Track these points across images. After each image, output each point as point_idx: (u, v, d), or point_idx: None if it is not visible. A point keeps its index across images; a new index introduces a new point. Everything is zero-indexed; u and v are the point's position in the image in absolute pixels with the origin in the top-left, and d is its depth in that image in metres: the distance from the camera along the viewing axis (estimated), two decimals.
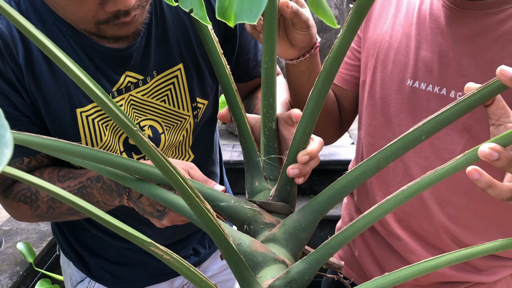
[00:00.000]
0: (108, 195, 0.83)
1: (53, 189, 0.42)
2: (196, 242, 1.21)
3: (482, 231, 0.97)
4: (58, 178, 0.88)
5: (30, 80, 0.83)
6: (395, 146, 0.58)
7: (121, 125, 0.47)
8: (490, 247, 0.55)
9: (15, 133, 0.66)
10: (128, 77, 0.90)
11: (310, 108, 0.64)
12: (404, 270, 0.57)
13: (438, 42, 0.90)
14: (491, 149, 0.51)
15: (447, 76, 0.89)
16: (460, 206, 0.94)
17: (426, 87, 0.92)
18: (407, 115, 0.95)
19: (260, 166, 0.75)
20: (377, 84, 0.99)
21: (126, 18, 0.76)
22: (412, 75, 0.93)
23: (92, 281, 1.17)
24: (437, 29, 0.90)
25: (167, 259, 0.49)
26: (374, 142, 1.03)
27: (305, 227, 0.68)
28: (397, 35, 0.97)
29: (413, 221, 1.01)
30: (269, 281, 0.63)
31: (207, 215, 0.54)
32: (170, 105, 0.96)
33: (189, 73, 0.96)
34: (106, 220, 0.44)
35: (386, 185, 1.03)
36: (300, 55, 0.86)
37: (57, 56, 0.43)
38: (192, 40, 0.95)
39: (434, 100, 0.91)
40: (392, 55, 0.97)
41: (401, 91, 0.95)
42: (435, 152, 0.93)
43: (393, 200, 0.57)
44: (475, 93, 0.53)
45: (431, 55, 0.91)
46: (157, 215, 0.79)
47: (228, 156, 3.17)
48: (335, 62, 0.59)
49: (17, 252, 2.68)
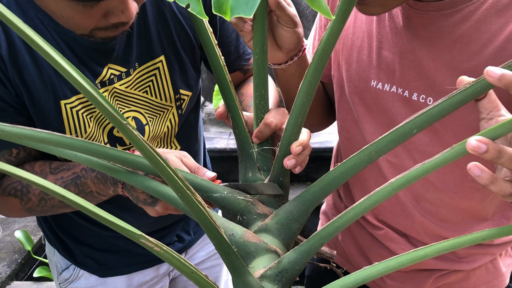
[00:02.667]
0: (102, 185, 0.84)
1: (43, 183, 0.42)
2: (179, 229, 1.22)
3: (458, 224, 0.96)
4: (51, 170, 0.88)
5: (14, 71, 0.83)
6: (386, 139, 0.59)
7: (110, 118, 0.47)
8: (477, 236, 0.56)
9: (7, 126, 0.66)
10: (110, 69, 0.90)
11: (300, 100, 0.64)
12: (393, 260, 0.58)
13: (398, 42, 0.87)
14: (478, 141, 0.51)
15: (409, 78, 0.86)
16: (435, 202, 0.94)
17: (390, 89, 0.89)
18: (376, 114, 0.93)
19: (253, 157, 0.75)
20: (344, 81, 0.98)
21: (124, 27, 0.77)
22: (375, 76, 0.91)
23: (77, 268, 1.19)
24: (396, 29, 0.87)
25: (158, 251, 0.49)
26: (349, 137, 1.02)
27: (297, 218, 0.68)
28: (359, 32, 0.93)
29: (389, 215, 1.01)
30: (261, 271, 0.64)
31: (198, 207, 0.55)
32: (153, 96, 0.96)
33: (171, 65, 0.97)
34: (96, 213, 0.45)
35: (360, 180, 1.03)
36: (288, 59, 0.84)
37: (43, 49, 0.43)
38: (172, 32, 0.95)
39: (399, 101, 0.89)
40: (355, 54, 0.94)
41: (367, 91, 0.93)
42: (406, 151, 0.92)
43: (382, 192, 0.57)
44: (467, 87, 0.53)
45: (392, 56, 0.88)
46: (150, 202, 0.80)
47: (225, 144, 3.18)
48: (324, 54, 0.60)
49: (15, 240, 2.70)
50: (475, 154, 0.51)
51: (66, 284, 1.21)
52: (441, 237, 0.98)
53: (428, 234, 0.98)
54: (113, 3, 0.71)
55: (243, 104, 1.03)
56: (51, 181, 0.87)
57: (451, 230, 0.96)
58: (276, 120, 0.73)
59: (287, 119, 0.74)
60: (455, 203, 0.93)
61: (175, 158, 0.78)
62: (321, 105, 1.09)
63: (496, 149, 0.51)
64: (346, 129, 1.02)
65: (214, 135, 3.32)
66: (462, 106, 0.55)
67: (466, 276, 1.03)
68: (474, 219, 0.96)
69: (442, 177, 0.90)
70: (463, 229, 0.96)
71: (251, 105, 1.00)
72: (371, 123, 0.94)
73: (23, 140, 0.66)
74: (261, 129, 0.73)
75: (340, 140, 1.06)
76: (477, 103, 0.57)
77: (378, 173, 0.98)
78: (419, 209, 0.96)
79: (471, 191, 0.90)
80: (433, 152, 0.87)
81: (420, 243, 1.00)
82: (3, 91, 0.83)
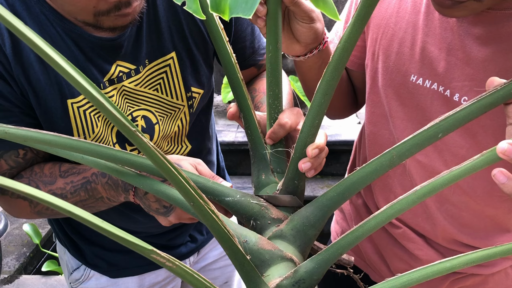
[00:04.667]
0: (113, 191, 0.81)
1: (47, 198, 0.39)
2: (192, 229, 1.20)
3: (479, 231, 0.93)
4: (60, 174, 0.86)
5: (19, 70, 0.80)
6: (409, 143, 0.55)
7: (118, 125, 0.44)
8: (508, 248, 0.53)
9: (11, 128, 0.64)
10: (119, 67, 0.87)
11: (318, 101, 0.61)
12: (417, 271, 0.55)
13: (447, 38, 0.81)
14: (511, 145, 0.47)
15: (453, 77, 0.81)
16: (459, 206, 0.90)
17: (430, 85, 0.84)
18: (410, 110, 0.89)
19: (267, 158, 0.73)
20: (379, 72, 0.93)
21: (127, 9, 0.74)
22: (416, 71, 0.86)
23: (88, 268, 1.17)
24: (447, 24, 0.81)
25: (170, 266, 0.46)
26: (376, 131, 0.98)
27: (314, 224, 0.65)
28: (402, 22, 0.88)
29: (409, 215, 0.98)
30: (277, 280, 0.61)
31: (211, 216, 0.52)
32: (163, 94, 0.93)
33: (182, 61, 0.93)
34: (106, 229, 0.42)
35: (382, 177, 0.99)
36: (307, 52, 0.81)
37: (43, 51, 0.40)
38: (184, 28, 0.92)
39: (438, 100, 0.84)
40: (396, 45, 0.89)
41: (404, 85, 0.88)
42: (437, 151, 0.87)
43: (406, 201, 0.54)
44: (498, 90, 0.49)
45: (438, 51, 0.82)
46: (163, 212, 0.77)
47: (233, 137, 3.15)
48: (344, 53, 0.56)
49: (24, 233, 2.70)
50: (507, 159, 0.48)
51: (77, 284, 1.19)
52: (459, 242, 0.94)
53: (447, 239, 0.95)
54: None
55: (255, 100, 1.00)
56: (61, 185, 0.85)
57: (472, 237, 0.93)
58: (290, 120, 0.70)
59: (302, 119, 0.71)
60: (481, 209, 0.89)
61: (189, 166, 0.76)
62: (344, 95, 1.05)
63: None
64: (374, 123, 0.98)
65: (222, 127, 3.30)
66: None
67: (484, 280, 1.00)
68: (497, 228, 0.92)
69: (471, 182, 0.87)
70: (484, 237, 0.93)
71: (263, 102, 0.97)
72: (403, 119, 0.90)
73: (29, 142, 0.63)
74: (275, 130, 0.70)
75: (366, 133, 1.02)
76: (506, 107, 0.53)
77: (403, 170, 0.94)
78: (442, 212, 0.92)
79: (500, 201, 0.86)
80: (466, 156, 0.83)
81: (438, 245, 0.97)
82: (8, 91, 0.81)
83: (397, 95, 0.90)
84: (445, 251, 0.97)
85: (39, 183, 0.86)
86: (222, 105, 3.65)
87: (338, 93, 1.01)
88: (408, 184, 0.93)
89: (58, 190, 0.85)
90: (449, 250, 0.97)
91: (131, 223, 1.05)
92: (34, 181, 0.86)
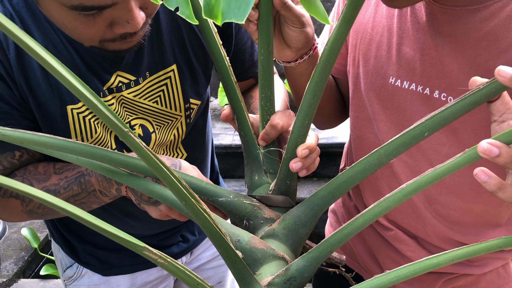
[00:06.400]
0: (106, 183, 0.82)
1: (39, 194, 0.41)
2: (184, 229, 1.21)
3: (470, 227, 0.94)
4: (55, 171, 0.87)
5: (20, 75, 0.81)
6: (396, 142, 0.57)
7: (111, 126, 0.46)
8: (493, 244, 0.54)
9: (8, 130, 0.65)
10: (119, 77, 0.88)
11: (307, 102, 0.62)
12: (405, 268, 0.56)
13: (420, 39, 0.83)
14: (490, 145, 0.49)
15: (430, 76, 0.83)
16: (448, 205, 0.92)
17: (409, 86, 0.86)
18: (391, 112, 0.90)
19: (259, 159, 0.74)
20: (360, 77, 0.94)
21: (133, 38, 0.75)
22: (394, 73, 0.88)
23: (80, 266, 1.18)
24: (418, 25, 0.84)
25: (162, 263, 0.48)
26: (361, 135, 0.99)
27: (305, 223, 0.67)
28: (378, 27, 0.90)
29: (400, 216, 0.99)
30: (268, 278, 0.62)
31: (203, 215, 0.53)
32: (163, 106, 0.94)
33: (183, 74, 0.94)
34: (98, 226, 0.43)
35: (370, 180, 1.01)
36: (298, 57, 0.82)
37: (42, 57, 0.41)
38: (185, 40, 0.93)
39: (418, 99, 0.86)
40: (374, 50, 0.91)
41: (384, 88, 0.90)
42: (420, 151, 0.89)
43: (392, 198, 0.56)
44: (481, 88, 0.51)
45: (413, 52, 0.85)
46: (154, 201, 0.78)
47: (230, 140, 3.16)
48: (331, 55, 0.58)
49: (22, 237, 2.70)
50: (487, 158, 0.49)
51: (70, 281, 1.20)
52: (452, 240, 0.95)
53: (439, 237, 0.96)
54: (117, 12, 0.69)
55: (252, 106, 1.01)
56: (55, 181, 0.86)
57: (463, 234, 0.94)
58: (282, 121, 0.71)
59: (293, 121, 0.72)
60: (469, 207, 0.90)
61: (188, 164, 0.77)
62: (333, 102, 1.06)
63: (510, 153, 0.49)
64: (359, 127, 0.99)
65: (219, 131, 3.31)
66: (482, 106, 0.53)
67: (477, 280, 1.01)
68: (487, 224, 0.93)
69: (457, 180, 0.88)
70: (475, 233, 0.94)
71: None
72: (386, 121, 0.92)
73: (25, 144, 0.65)
74: (267, 131, 0.71)
75: (352, 138, 1.03)
76: (490, 104, 0.54)
77: (390, 172, 0.95)
78: (430, 211, 0.93)
79: (487, 196, 0.87)
80: (449, 153, 0.84)
81: (430, 246, 0.98)
82: (8, 93, 0.82)
83: (379, 98, 0.91)
84: (437, 252, 0.98)
85: (32, 180, 0.87)
86: (219, 109, 3.66)
87: (327, 102, 1.03)
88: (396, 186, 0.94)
89: (51, 186, 0.86)
90: (441, 250, 0.98)
91: (122, 225, 1.06)
92: (28, 179, 0.87)
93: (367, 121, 0.96)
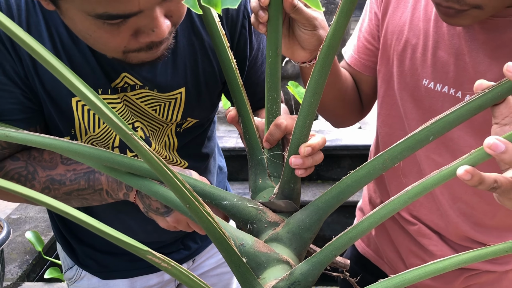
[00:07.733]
0: (116, 184, 0.82)
1: (44, 199, 0.40)
2: (185, 237, 1.19)
3: (492, 229, 0.95)
4: (62, 161, 0.86)
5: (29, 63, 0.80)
6: (401, 147, 0.56)
7: (115, 129, 0.46)
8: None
9: (12, 132, 0.65)
10: (126, 78, 0.87)
11: (307, 101, 0.62)
12: (427, 266, 0.56)
13: (455, 44, 0.86)
14: (497, 140, 0.49)
15: (464, 80, 0.86)
16: (472, 205, 0.93)
17: (441, 89, 0.89)
18: (423, 112, 0.93)
19: (264, 163, 0.74)
20: (394, 76, 0.97)
21: (158, 47, 0.73)
22: (428, 75, 0.90)
23: (79, 268, 1.17)
24: (454, 31, 0.86)
25: (165, 267, 0.47)
26: (391, 133, 1.01)
27: (309, 227, 0.66)
28: (415, 29, 0.93)
29: (424, 211, 1.01)
30: (272, 282, 0.62)
31: (206, 218, 0.53)
32: (160, 115, 0.94)
33: (189, 96, 0.94)
34: (101, 230, 0.43)
35: (398, 176, 1.01)
36: (312, 58, 0.82)
37: (44, 57, 0.41)
38: (199, 66, 0.92)
39: (449, 102, 0.88)
40: (409, 51, 0.93)
41: (417, 88, 0.93)
42: (449, 151, 0.91)
43: (397, 201, 0.55)
44: (487, 92, 0.51)
45: (447, 56, 0.87)
46: (163, 212, 0.78)
47: (234, 143, 3.16)
48: (330, 50, 0.57)
49: (26, 240, 2.70)
50: (492, 154, 0.49)
51: (71, 283, 1.20)
52: (472, 240, 0.97)
53: (460, 235, 0.98)
54: (142, 20, 0.67)
55: (260, 116, 1.00)
56: (62, 171, 0.85)
57: (485, 234, 0.96)
58: (287, 122, 0.71)
59: None
60: (492, 209, 0.92)
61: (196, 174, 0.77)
62: (349, 103, 1.07)
63: None
64: (389, 125, 1.01)
65: (223, 133, 3.31)
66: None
67: (499, 278, 1.02)
68: (510, 226, 0.94)
69: None
70: (496, 235, 0.95)
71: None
72: (418, 120, 0.94)
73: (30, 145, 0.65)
74: (272, 131, 0.71)
75: (380, 135, 1.05)
76: (493, 108, 0.55)
77: (418, 170, 0.97)
78: (454, 209, 0.95)
79: None
80: None
81: (451, 241, 1.00)
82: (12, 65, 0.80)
83: (412, 98, 0.94)
84: (459, 248, 1.00)
85: (37, 167, 0.85)
86: (223, 111, 3.65)
87: (343, 102, 1.04)
88: None
89: (57, 176, 0.84)
90: (462, 247, 0.99)
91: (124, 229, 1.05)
92: (32, 165, 0.85)
93: (398, 118, 0.99)
